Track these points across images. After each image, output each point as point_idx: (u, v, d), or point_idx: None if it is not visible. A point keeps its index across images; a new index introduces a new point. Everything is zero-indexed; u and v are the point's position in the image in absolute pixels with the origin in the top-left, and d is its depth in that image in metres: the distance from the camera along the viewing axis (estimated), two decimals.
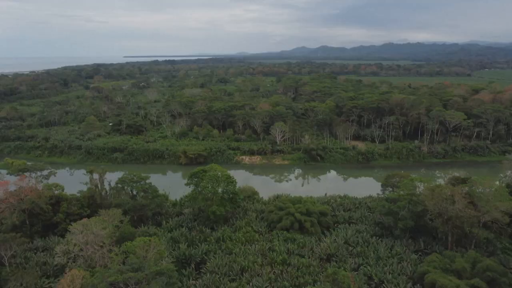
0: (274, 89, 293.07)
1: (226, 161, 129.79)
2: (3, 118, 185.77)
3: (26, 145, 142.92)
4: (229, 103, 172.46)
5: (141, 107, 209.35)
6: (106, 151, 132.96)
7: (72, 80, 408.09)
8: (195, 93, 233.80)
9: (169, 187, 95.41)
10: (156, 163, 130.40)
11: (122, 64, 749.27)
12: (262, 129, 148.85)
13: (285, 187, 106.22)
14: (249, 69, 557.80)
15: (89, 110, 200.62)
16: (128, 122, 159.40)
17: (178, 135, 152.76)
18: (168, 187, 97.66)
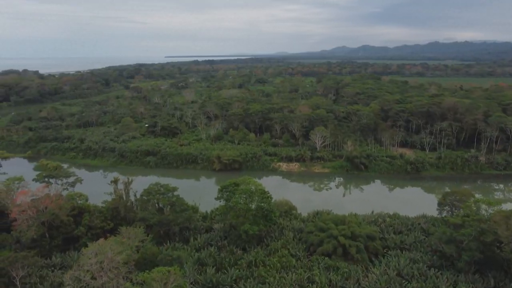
0: (313, 90, 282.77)
1: (262, 168, 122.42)
2: (43, 118, 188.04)
3: (62, 146, 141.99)
4: (267, 105, 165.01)
5: (178, 108, 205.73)
6: (139, 155, 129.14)
7: (113, 80, 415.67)
8: (232, 94, 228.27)
9: (200, 198, 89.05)
10: (189, 168, 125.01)
11: (163, 64, 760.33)
12: (301, 134, 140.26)
13: (326, 200, 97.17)
14: (288, 69, 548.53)
15: (126, 111, 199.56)
16: (163, 124, 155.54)
17: (213, 138, 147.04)
18: (199, 196, 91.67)
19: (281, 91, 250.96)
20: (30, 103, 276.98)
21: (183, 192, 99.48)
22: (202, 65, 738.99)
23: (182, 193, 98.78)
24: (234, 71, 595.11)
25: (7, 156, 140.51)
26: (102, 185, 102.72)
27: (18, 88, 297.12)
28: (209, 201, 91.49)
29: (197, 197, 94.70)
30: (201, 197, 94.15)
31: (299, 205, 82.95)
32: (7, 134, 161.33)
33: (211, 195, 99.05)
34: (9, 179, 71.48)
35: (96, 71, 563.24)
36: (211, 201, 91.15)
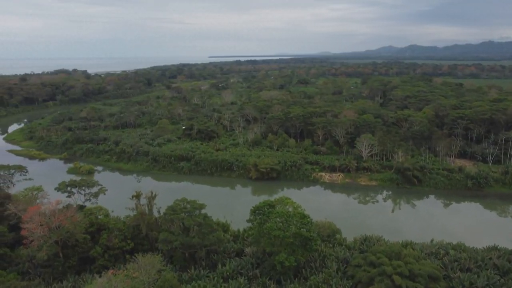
0: (358, 92, 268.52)
1: (302, 178, 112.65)
2: (83, 118, 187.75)
3: (97, 149, 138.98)
4: (309, 108, 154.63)
5: (216, 110, 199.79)
6: (172, 160, 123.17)
7: (156, 80, 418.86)
8: (273, 96, 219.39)
9: (232, 213, 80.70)
10: (224, 175, 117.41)
11: (205, 64, 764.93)
12: (346, 141, 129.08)
13: (374, 219, 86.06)
14: (331, 70, 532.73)
15: (164, 112, 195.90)
16: (199, 127, 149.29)
17: (250, 143, 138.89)
18: (231, 212, 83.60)
19: (324, 93, 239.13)
20: (74, 102, 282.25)
21: (214, 205, 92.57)
22: (244, 65, 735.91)
23: (213, 206, 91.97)
24: (276, 71, 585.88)
25: (44, 157, 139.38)
26: (130, 193, 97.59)
27: (64, 87, 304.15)
28: (243, 214, 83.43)
29: (229, 211, 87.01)
30: (233, 212, 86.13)
31: (342, 225, 72.79)
32: (46, 134, 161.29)
33: (245, 208, 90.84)
34: (28, 189, 66.46)
35: (141, 70, 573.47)
36: (245, 213, 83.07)
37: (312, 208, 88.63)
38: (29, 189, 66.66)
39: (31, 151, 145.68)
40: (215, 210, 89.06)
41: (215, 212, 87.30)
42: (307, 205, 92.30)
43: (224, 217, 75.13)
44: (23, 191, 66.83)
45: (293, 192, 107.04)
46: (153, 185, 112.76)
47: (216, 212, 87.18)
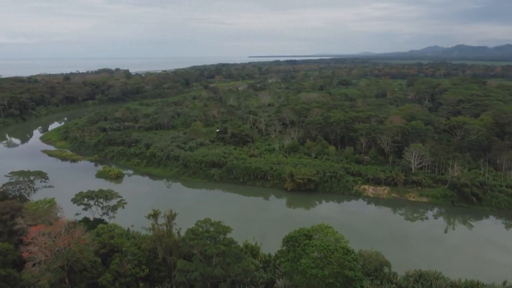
0: (403, 95, 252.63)
1: (343, 191, 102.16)
2: (118, 119, 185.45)
3: (127, 151, 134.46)
4: (351, 113, 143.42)
5: (252, 112, 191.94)
6: (203, 166, 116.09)
7: (194, 80, 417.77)
8: (312, 98, 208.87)
9: (262, 235, 71.86)
10: (257, 184, 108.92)
11: (244, 64, 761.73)
12: (392, 150, 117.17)
13: (429, 248, 74.52)
14: (373, 70, 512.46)
15: (199, 114, 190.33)
16: (233, 131, 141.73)
17: (287, 149, 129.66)
18: (262, 227, 74.98)
19: (366, 96, 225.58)
20: (113, 101, 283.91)
21: (244, 219, 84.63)
22: (283, 65, 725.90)
23: (243, 220, 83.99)
24: (316, 71, 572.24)
25: (75, 159, 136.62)
26: (157, 202, 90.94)
27: (104, 87, 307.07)
28: (276, 233, 74.75)
29: (260, 228, 78.56)
30: (265, 228, 77.60)
31: (391, 253, 62.43)
32: (80, 135, 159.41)
33: (278, 225, 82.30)
34: (39, 202, 60.81)
35: (180, 70, 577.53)
36: (278, 232, 74.34)
37: (354, 228, 78.78)
38: (41, 201, 61.08)
39: (63, 152, 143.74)
40: (244, 226, 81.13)
41: (244, 229, 79.33)
42: (348, 224, 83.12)
43: (254, 238, 66.32)
44: (35, 203, 61.34)
45: (332, 206, 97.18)
46: (182, 192, 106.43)
47: (245, 228, 79.25)
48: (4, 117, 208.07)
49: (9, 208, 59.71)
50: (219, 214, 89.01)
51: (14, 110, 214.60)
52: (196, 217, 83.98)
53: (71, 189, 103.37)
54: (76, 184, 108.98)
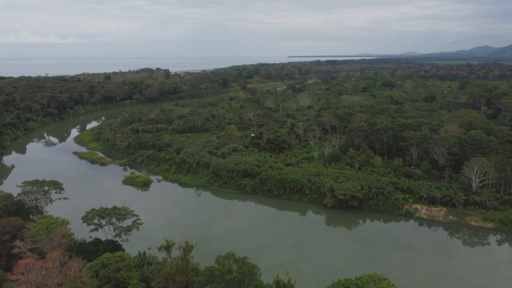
0: (454, 98, 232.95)
1: (391, 210, 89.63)
2: (151, 120, 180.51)
3: (157, 156, 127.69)
4: (399, 119, 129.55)
5: (290, 115, 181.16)
6: (235, 175, 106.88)
7: (232, 80, 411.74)
8: (355, 101, 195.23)
9: (299, 263, 61.49)
10: (293, 199, 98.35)
11: (283, 64, 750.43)
12: (448, 163, 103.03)
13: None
14: (420, 71, 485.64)
15: (235, 116, 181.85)
16: (268, 136, 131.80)
17: (327, 158, 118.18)
18: (297, 255, 64.64)
19: (414, 99, 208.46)
20: (150, 101, 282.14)
21: (275, 237, 74.48)
22: (324, 66, 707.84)
23: (274, 239, 73.95)
24: (358, 72, 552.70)
25: (105, 163, 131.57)
26: (180, 219, 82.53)
27: (142, 86, 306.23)
28: (315, 263, 64.59)
29: (295, 258, 68.28)
30: (301, 260, 67.16)
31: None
32: (112, 137, 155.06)
33: (317, 252, 71.74)
34: (43, 221, 53.47)
35: (219, 70, 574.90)
36: (318, 261, 64.16)
37: (405, 260, 66.76)
38: (45, 221, 53.95)
39: (93, 154, 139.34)
40: (276, 252, 71.18)
41: (275, 255, 69.44)
42: (399, 252, 71.01)
43: (287, 274, 56.14)
44: (37, 222, 54.37)
45: (378, 227, 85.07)
46: (210, 204, 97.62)
47: (277, 255, 69.37)
48: (43, 116, 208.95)
49: (11, 227, 53.01)
50: (248, 234, 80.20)
51: (53, 109, 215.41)
52: (223, 236, 75.17)
53: (92, 198, 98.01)
54: (100, 192, 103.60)
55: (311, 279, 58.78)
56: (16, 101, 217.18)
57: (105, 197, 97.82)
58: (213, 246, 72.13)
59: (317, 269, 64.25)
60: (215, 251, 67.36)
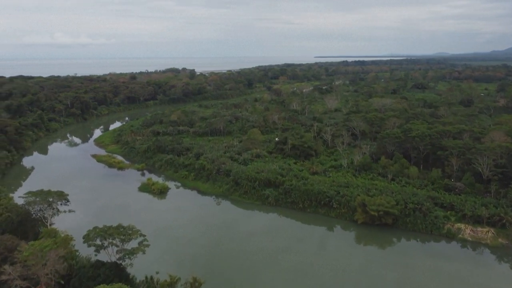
0: (492, 101, 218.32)
1: (430, 229, 79.98)
2: (173, 122, 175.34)
3: (176, 161, 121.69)
4: (437, 126, 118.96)
5: (316, 119, 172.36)
6: (256, 184, 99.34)
7: (258, 80, 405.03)
8: (386, 104, 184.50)
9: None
10: (320, 212, 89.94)
11: (310, 65, 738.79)
12: (495, 177, 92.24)
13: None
14: (453, 73, 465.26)
15: (258, 119, 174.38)
16: (293, 142, 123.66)
17: (357, 167, 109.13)
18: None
19: (451, 102, 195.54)
20: (174, 102, 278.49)
21: (298, 266, 66.25)
22: (351, 66, 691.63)
23: (297, 267, 65.82)
24: (387, 73, 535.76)
25: (122, 167, 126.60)
26: (195, 234, 75.22)
27: (166, 87, 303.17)
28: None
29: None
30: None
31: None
32: (131, 139, 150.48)
33: (347, 274, 63.42)
34: (45, 233, 47.53)
35: (245, 70, 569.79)
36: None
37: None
38: (38, 243, 47.96)
39: (111, 158, 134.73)
40: (298, 277, 63.20)
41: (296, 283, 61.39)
42: (438, 278, 61.66)
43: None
44: (29, 245, 48.39)
45: (415, 248, 75.98)
46: (229, 216, 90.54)
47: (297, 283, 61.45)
48: (66, 116, 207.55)
49: (2, 248, 47.23)
50: (268, 252, 72.27)
51: (76, 109, 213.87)
52: (240, 262, 67.28)
53: (104, 207, 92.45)
54: (114, 200, 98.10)
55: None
56: (41, 101, 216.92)
57: (118, 207, 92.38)
58: (226, 274, 64.82)
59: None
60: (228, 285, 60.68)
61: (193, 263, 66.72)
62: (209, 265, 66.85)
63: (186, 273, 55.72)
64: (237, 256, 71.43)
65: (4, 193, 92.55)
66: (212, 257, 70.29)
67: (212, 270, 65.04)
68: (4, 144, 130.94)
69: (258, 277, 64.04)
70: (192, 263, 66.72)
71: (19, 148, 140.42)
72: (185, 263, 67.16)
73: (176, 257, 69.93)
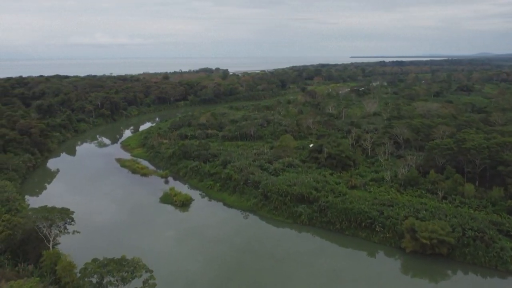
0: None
1: (495, 264, 66.91)
2: (202, 125, 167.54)
3: (202, 169, 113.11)
4: (496, 136, 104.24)
5: (354, 124, 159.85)
6: (288, 200, 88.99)
7: (291, 81, 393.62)
8: (431, 109, 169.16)
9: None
10: (360, 235, 78.43)
11: (346, 65, 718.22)
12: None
13: None
14: (500, 74, 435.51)
15: (291, 122, 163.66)
16: (330, 150, 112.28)
17: (402, 181, 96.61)
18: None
19: (506, 108, 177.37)
20: (205, 103, 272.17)
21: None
22: (389, 67, 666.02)
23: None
24: (428, 74, 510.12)
25: (146, 174, 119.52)
26: (217, 260, 65.05)
27: (197, 87, 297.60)
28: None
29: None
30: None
31: None
32: (157, 143, 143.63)
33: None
34: (46, 255, 39.47)
35: (278, 70, 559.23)
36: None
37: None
38: (21, 282, 39.94)
39: (135, 163, 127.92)
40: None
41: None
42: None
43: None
44: (11, 284, 40.54)
45: (475, 284, 63.63)
46: (256, 237, 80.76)
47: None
48: (95, 117, 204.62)
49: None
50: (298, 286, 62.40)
51: (105, 110, 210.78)
52: None
53: (119, 224, 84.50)
54: (131, 214, 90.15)
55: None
56: (72, 101, 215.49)
57: (133, 223, 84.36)
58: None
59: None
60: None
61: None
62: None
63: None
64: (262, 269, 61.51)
65: (18, 202, 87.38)
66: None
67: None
68: (28, 147, 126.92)
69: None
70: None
71: (44, 150, 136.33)
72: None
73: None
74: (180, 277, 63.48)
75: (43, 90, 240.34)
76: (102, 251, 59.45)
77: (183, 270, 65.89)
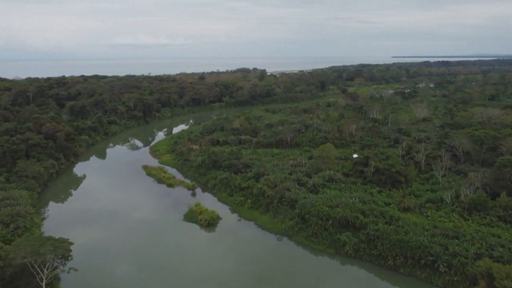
0: None
1: None
2: (235, 130, 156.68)
3: (232, 181, 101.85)
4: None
5: (403, 131, 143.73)
6: (329, 225, 75.87)
7: (331, 82, 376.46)
8: (493, 115, 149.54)
9: None
10: (418, 276, 63.95)
11: (388, 65, 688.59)
12: None
13: None
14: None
15: (332, 128, 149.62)
16: (377, 164, 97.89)
17: (466, 204, 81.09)
18: None
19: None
20: (240, 105, 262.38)
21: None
22: (435, 67, 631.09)
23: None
24: (478, 75, 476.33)
25: (172, 184, 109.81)
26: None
27: (233, 88, 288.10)
28: None
29: None
30: None
31: None
32: (186, 149, 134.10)
33: None
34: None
35: (317, 71, 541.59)
36: None
37: None
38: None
39: (162, 171, 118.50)
40: None
41: None
42: None
43: None
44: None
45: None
46: (290, 273, 68.29)
47: None
48: (127, 119, 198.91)
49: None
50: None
51: (138, 112, 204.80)
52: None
53: (134, 249, 73.32)
54: (148, 237, 79.42)
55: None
56: (105, 102, 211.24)
57: (147, 252, 73.55)
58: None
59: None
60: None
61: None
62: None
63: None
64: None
65: (31, 216, 79.55)
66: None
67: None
68: (52, 152, 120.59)
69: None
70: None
71: (69, 155, 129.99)
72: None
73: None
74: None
75: (78, 90, 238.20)
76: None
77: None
